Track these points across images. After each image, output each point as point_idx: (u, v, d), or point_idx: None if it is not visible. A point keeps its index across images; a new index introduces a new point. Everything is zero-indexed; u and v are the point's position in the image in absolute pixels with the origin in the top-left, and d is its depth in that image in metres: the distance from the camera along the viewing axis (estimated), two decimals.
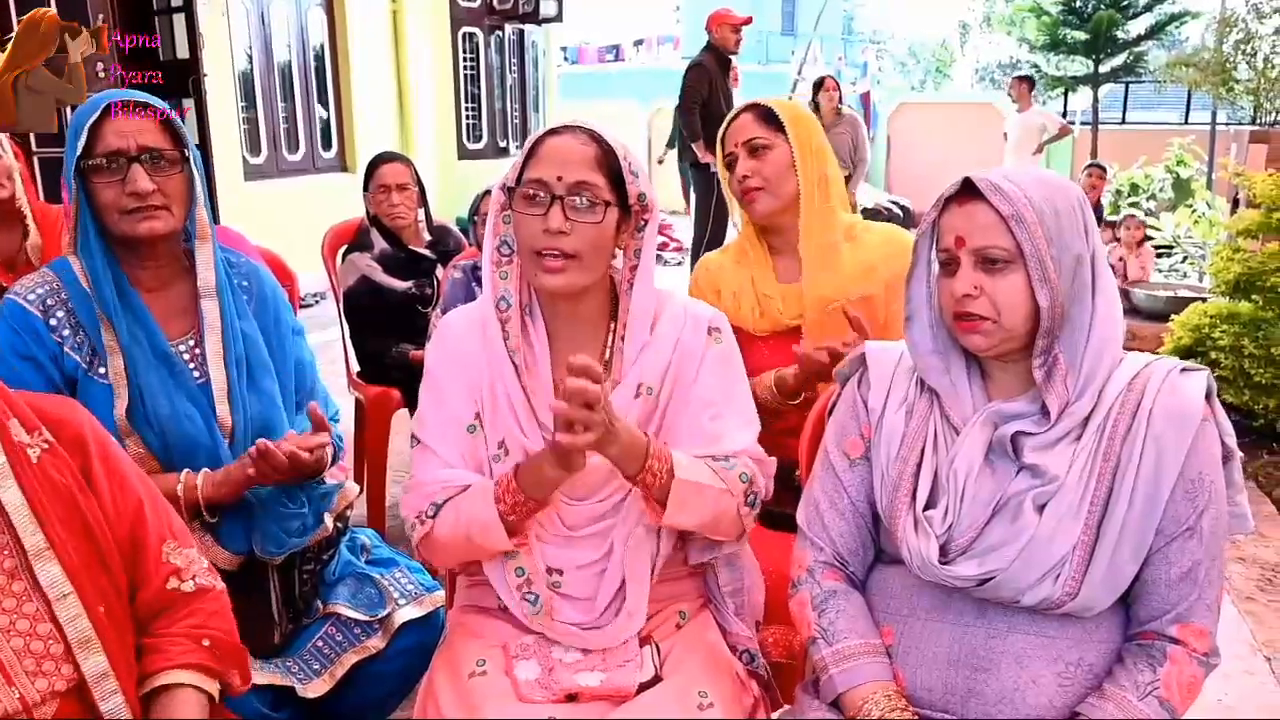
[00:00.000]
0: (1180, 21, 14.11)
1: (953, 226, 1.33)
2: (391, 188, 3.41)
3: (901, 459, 1.40)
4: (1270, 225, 4.53)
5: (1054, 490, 1.30)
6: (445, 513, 1.50)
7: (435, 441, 1.55)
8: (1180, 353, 4.74)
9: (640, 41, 28.47)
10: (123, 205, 1.58)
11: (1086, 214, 1.33)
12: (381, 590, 1.82)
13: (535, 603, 1.51)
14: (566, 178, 1.45)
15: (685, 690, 1.44)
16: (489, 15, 10.34)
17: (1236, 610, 3.08)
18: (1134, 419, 1.30)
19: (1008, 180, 1.29)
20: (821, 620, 1.42)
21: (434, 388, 1.58)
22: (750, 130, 2.10)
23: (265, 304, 1.81)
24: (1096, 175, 8.18)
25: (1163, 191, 10.05)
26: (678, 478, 1.44)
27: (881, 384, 1.46)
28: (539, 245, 1.46)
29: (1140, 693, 1.27)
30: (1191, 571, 1.30)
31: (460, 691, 1.46)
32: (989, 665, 1.33)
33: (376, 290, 3.35)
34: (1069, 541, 1.28)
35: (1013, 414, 1.35)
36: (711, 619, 1.64)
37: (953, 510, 1.35)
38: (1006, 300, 1.30)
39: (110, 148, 1.56)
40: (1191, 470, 1.29)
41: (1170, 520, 1.29)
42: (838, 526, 1.47)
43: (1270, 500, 3.96)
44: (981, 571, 1.30)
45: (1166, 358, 1.37)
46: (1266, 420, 4.57)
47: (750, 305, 2.12)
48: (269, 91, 7.97)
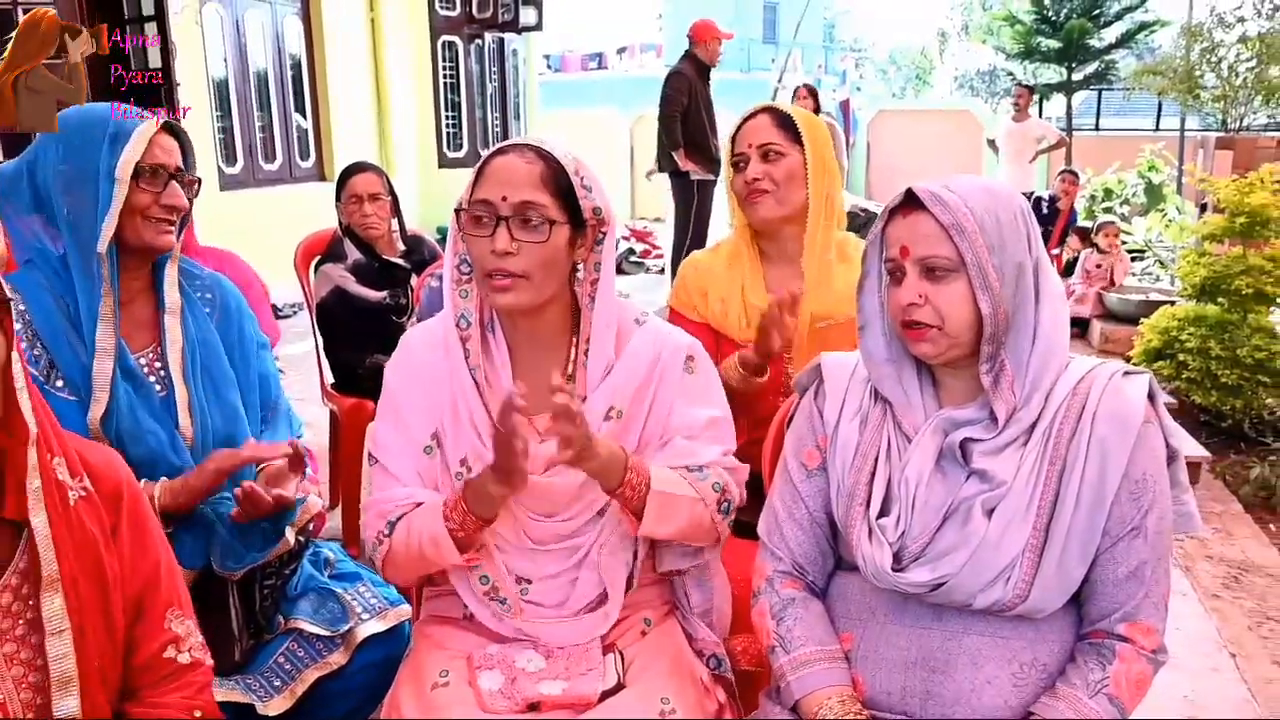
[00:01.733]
0: (1150, 30, 14.30)
1: (898, 237, 1.36)
2: (364, 197, 3.39)
3: (856, 469, 1.42)
4: (1234, 229, 4.62)
5: (1002, 494, 1.32)
6: (399, 530, 1.51)
7: (392, 461, 1.56)
8: (1149, 355, 4.82)
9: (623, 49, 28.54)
10: (154, 214, 1.67)
11: (1029, 223, 1.35)
12: (344, 605, 1.80)
13: (505, 603, 1.53)
14: (511, 198, 1.46)
15: (648, 697, 1.45)
16: (468, 24, 10.36)
17: (1202, 608, 3.12)
18: (1078, 422, 1.32)
19: (949, 190, 1.32)
20: (780, 628, 1.45)
21: (392, 407, 1.59)
22: (767, 134, 2.08)
23: (228, 316, 1.83)
24: (1069, 181, 8.26)
25: (1135, 196, 10.18)
26: (654, 490, 1.46)
27: (836, 395, 1.48)
28: (488, 266, 1.48)
29: (1090, 691, 1.30)
30: (1138, 571, 1.32)
31: (423, 702, 1.47)
32: (945, 667, 1.35)
33: (350, 301, 3.33)
34: (1018, 544, 1.31)
35: (962, 420, 1.37)
36: (677, 625, 1.65)
37: (904, 518, 1.37)
38: (950, 308, 1.32)
39: (157, 160, 1.67)
40: (1136, 471, 1.31)
41: (1116, 521, 1.31)
42: (796, 537, 1.49)
43: (1237, 499, 4.03)
44: (934, 577, 1.33)
45: (1111, 362, 1.39)
46: (1234, 421, 4.64)
47: (737, 314, 2.11)
48: (245, 101, 7.93)
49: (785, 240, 2.13)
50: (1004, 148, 9.13)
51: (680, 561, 1.62)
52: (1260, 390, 4.50)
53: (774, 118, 2.10)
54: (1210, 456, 4.09)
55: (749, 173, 2.08)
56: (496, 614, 1.54)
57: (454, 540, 1.47)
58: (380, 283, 3.38)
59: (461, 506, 1.46)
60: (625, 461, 1.44)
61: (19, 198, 1.66)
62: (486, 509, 1.46)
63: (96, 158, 1.60)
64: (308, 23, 8.67)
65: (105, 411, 1.62)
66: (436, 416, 1.56)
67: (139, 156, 1.63)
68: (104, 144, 1.61)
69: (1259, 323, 4.57)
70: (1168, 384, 4.78)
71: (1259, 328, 4.54)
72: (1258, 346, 4.43)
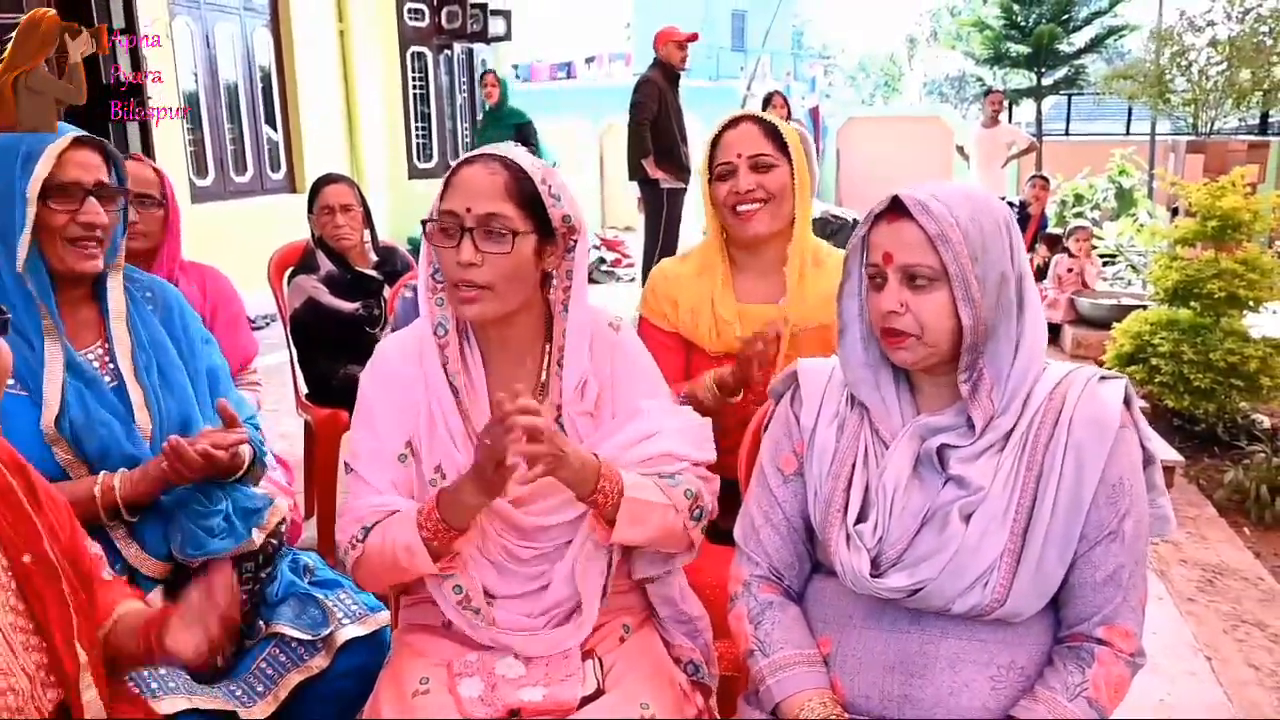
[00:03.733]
0: (1120, 35, 14.47)
1: (881, 243, 1.34)
2: (335, 209, 3.38)
3: (833, 475, 1.42)
4: (1206, 233, 4.66)
5: (979, 500, 1.32)
6: (373, 537, 1.50)
7: (367, 470, 1.56)
8: (1122, 359, 4.85)
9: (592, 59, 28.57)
10: (71, 234, 1.65)
11: (1013, 233, 1.35)
12: (325, 610, 1.80)
13: (478, 613, 1.53)
14: (475, 209, 1.46)
15: (627, 702, 1.45)
16: (437, 35, 10.36)
17: (1178, 611, 3.13)
18: (1055, 428, 1.32)
19: (935, 199, 1.30)
20: (758, 632, 1.45)
21: (367, 415, 1.59)
22: (758, 145, 2.04)
23: (170, 311, 1.86)
24: (1040, 186, 8.31)
25: (1106, 201, 10.27)
26: (626, 496, 1.45)
27: (813, 400, 1.48)
28: (454, 277, 1.48)
29: (1070, 694, 1.30)
30: (1115, 574, 1.33)
31: (404, 709, 1.47)
32: (923, 671, 1.35)
33: (323, 312, 3.32)
34: (995, 549, 1.31)
35: (939, 427, 1.37)
36: (655, 632, 1.66)
37: (882, 524, 1.36)
38: (931, 318, 1.31)
39: (69, 177, 1.63)
40: (1112, 476, 1.31)
41: (1093, 525, 1.32)
42: (773, 542, 1.49)
43: (1211, 503, 4.05)
44: (912, 582, 1.32)
45: (1087, 366, 1.39)
46: (1207, 425, 4.68)
47: (707, 326, 2.09)
48: (215, 113, 7.89)
49: (764, 250, 2.10)
50: (974, 153, 9.18)
51: (653, 569, 1.62)
52: (1233, 394, 4.52)
53: (761, 128, 2.06)
54: (1184, 460, 4.12)
55: (741, 183, 2.02)
56: (471, 624, 1.53)
57: (428, 549, 1.46)
58: (353, 294, 3.38)
59: (435, 515, 1.46)
60: (598, 469, 1.44)
61: None
62: (460, 519, 1.46)
63: (13, 178, 1.59)
64: (277, 35, 8.64)
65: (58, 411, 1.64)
66: (411, 425, 1.56)
67: (46, 174, 1.60)
68: (17, 164, 1.60)
69: (1231, 326, 4.60)
70: (1140, 388, 4.80)
71: (1231, 331, 4.57)
72: (1230, 350, 4.46)
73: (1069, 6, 14.15)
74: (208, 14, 7.77)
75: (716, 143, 2.09)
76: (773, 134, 2.05)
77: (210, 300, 2.69)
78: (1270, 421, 4.84)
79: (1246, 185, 4.64)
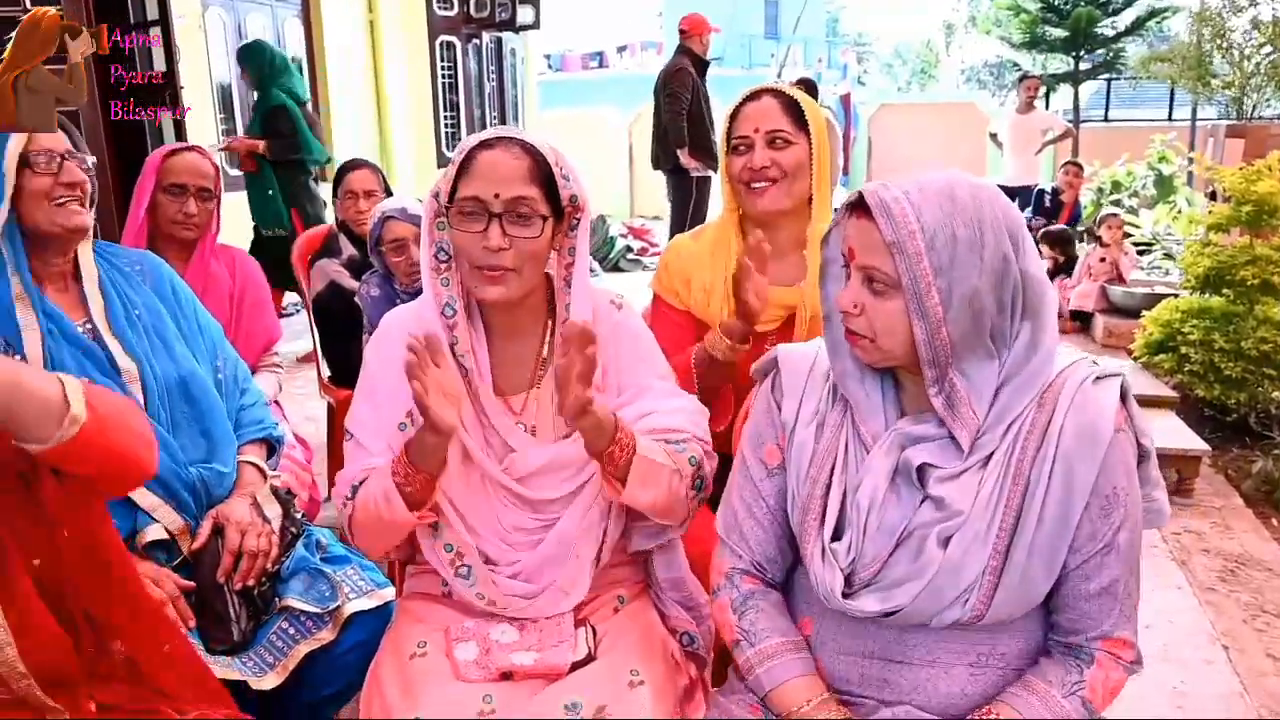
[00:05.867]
0: (1162, 16, 14.14)
1: (847, 237, 1.29)
2: (359, 194, 3.46)
3: (811, 479, 1.37)
4: (1240, 219, 4.55)
5: (959, 524, 1.26)
6: (360, 493, 1.54)
7: (366, 437, 1.60)
8: (1152, 348, 4.77)
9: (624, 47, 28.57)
10: (57, 195, 1.73)
11: (1000, 241, 1.23)
12: (334, 584, 1.86)
13: (469, 575, 1.56)
14: (503, 194, 1.48)
15: (617, 669, 1.48)
16: (466, 24, 10.41)
17: (1197, 601, 3.10)
18: (1043, 439, 1.25)
19: (906, 199, 1.22)
20: (742, 622, 1.43)
21: (369, 386, 1.63)
22: (775, 120, 2.01)
23: (161, 279, 1.97)
24: (1074, 172, 8.20)
25: (1145, 189, 10.07)
26: (639, 454, 1.48)
27: (795, 393, 1.43)
28: (479, 261, 1.51)
29: (1065, 690, 1.28)
30: (1111, 587, 1.28)
31: (401, 671, 1.51)
32: (901, 657, 1.34)
33: (345, 295, 3.37)
34: (976, 569, 1.26)
35: (919, 436, 1.31)
36: (650, 603, 1.68)
37: (856, 543, 1.32)
38: (884, 324, 1.26)
39: (42, 145, 1.72)
40: (1105, 486, 1.25)
41: (1085, 537, 1.26)
42: (756, 535, 1.46)
43: (1239, 493, 3.99)
44: (884, 607, 1.29)
45: (1081, 363, 1.31)
46: (1239, 415, 4.59)
47: (719, 305, 2.08)
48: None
49: (777, 230, 2.07)
50: (1008, 140, 9.05)
51: (648, 541, 1.65)
52: (1265, 383, 4.42)
53: (780, 102, 2.03)
54: (1210, 450, 4.05)
55: (756, 159, 2.00)
56: (463, 589, 1.57)
57: (402, 495, 1.48)
58: None
59: (404, 459, 1.49)
60: (616, 423, 1.46)
61: None
62: (424, 460, 1.48)
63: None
64: (308, 25, 8.73)
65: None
66: (409, 400, 1.57)
67: (22, 147, 1.69)
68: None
69: (1265, 314, 4.46)
70: (1169, 377, 4.73)
71: (1265, 319, 4.44)
72: (1263, 339, 4.34)
73: None
74: (240, 5, 7.88)
75: (736, 115, 2.06)
76: (792, 109, 2.02)
77: (238, 283, 2.75)
78: None
79: None
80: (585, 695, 1.42)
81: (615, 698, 1.43)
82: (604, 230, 9.69)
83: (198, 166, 2.61)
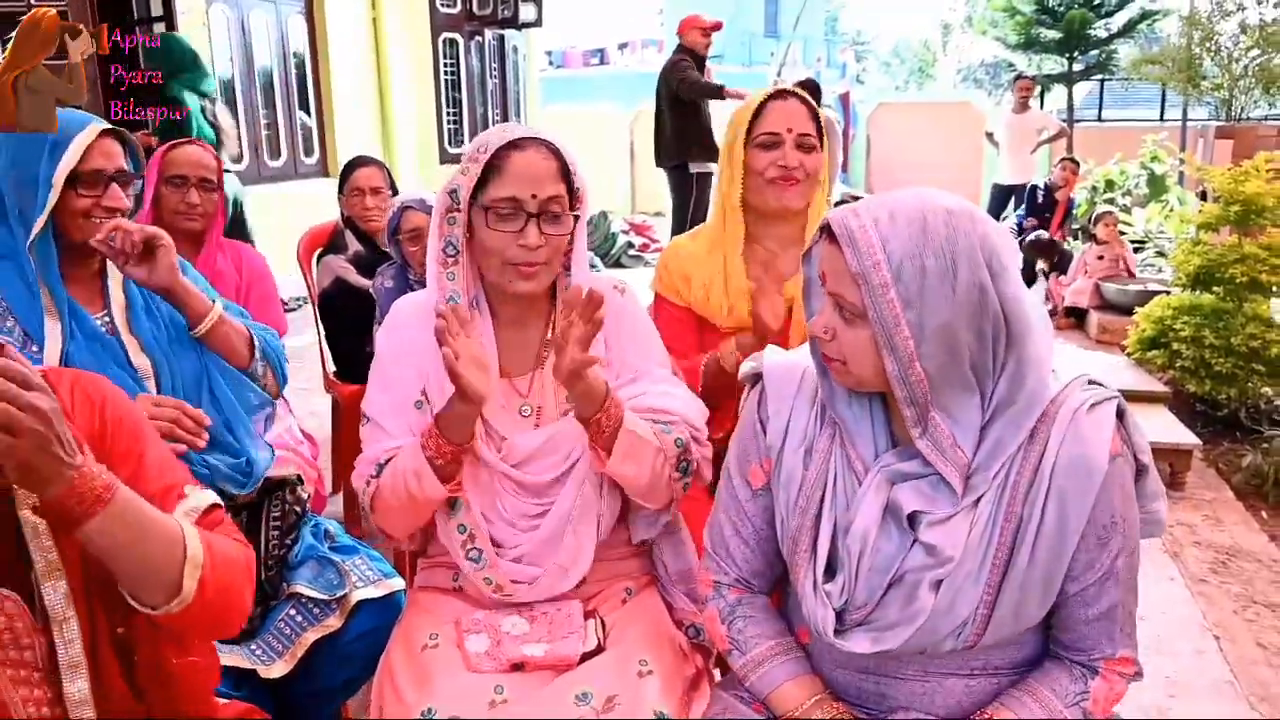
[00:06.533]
0: (1153, 19, 14.26)
1: (820, 260, 1.27)
2: (365, 191, 3.49)
3: (800, 509, 1.34)
4: (1229, 218, 4.64)
5: (950, 570, 1.24)
6: (386, 472, 1.59)
7: (384, 418, 1.64)
8: (1144, 344, 4.85)
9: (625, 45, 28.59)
10: (95, 215, 1.76)
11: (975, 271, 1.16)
12: (341, 573, 1.89)
13: (479, 559, 1.60)
14: (539, 194, 1.54)
15: (626, 659, 1.51)
16: (469, 21, 10.43)
17: (1189, 592, 3.17)
18: (1036, 474, 1.22)
19: (874, 228, 1.17)
20: (732, 631, 1.46)
21: (382, 370, 1.67)
22: (805, 124, 2.08)
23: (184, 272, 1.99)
24: (1070, 169, 8.27)
25: (1138, 187, 10.17)
26: (625, 427, 1.53)
27: (781, 413, 1.38)
28: (515, 259, 1.56)
29: (1069, 700, 1.28)
30: (1110, 612, 1.27)
31: (413, 662, 1.55)
32: (895, 673, 1.35)
33: (351, 290, 3.42)
34: (969, 607, 1.24)
35: (910, 474, 1.27)
36: (657, 595, 1.73)
37: (849, 584, 1.30)
38: (854, 352, 1.23)
39: (95, 166, 1.75)
40: (1102, 517, 1.22)
41: (1083, 566, 1.24)
42: (742, 553, 1.47)
43: (1229, 486, 4.06)
44: (876, 648, 1.28)
45: (1074, 387, 1.26)
46: (1229, 410, 4.67)
47: (719, 301, 2.14)
48: (250, 99, 8.02)
49: (781, 227, 2.15)
50: (1004, 140, 9.15)
51: (650, 530, 1.70)
52: (1255, 379, 4.51)
53: (807, 108, 2.10)
54: (1201, 444, 4.13)
55: (788, 159, 2.06)
56: (471, 571, 1.60)
57: (433, 469, 1.53)
58: None
59: (434, 433, 1.53)
60: (606, 391, 1.52)
61: None
62: (456, 431, 1.52)
63: (37, 164, 1.70)
64: (311, 22, 8.76)
65: None
66: (424, 382, 1.64)
67: (75, 163, 1.72)
68: (44, 151, 1.71)
69: (1254, 311, 4.58)
70: (1162, 373, 4.82)
71: (1254, 316, 4.55)
72: (1252, 335, 4.45)
73: None
74: (243, 2, 7.90)
75: (761, 111, 2.10)
76: (816, 117, 2.11)
77: (245, 277, 2.79)
78: None
79: (1270, 169, 4.60)
80: (595, 685, 1.45)
81: (625, 688, 1.45)
82: (605, 226, 9.73)
83: (199, 158, 2.66)
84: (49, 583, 1.19)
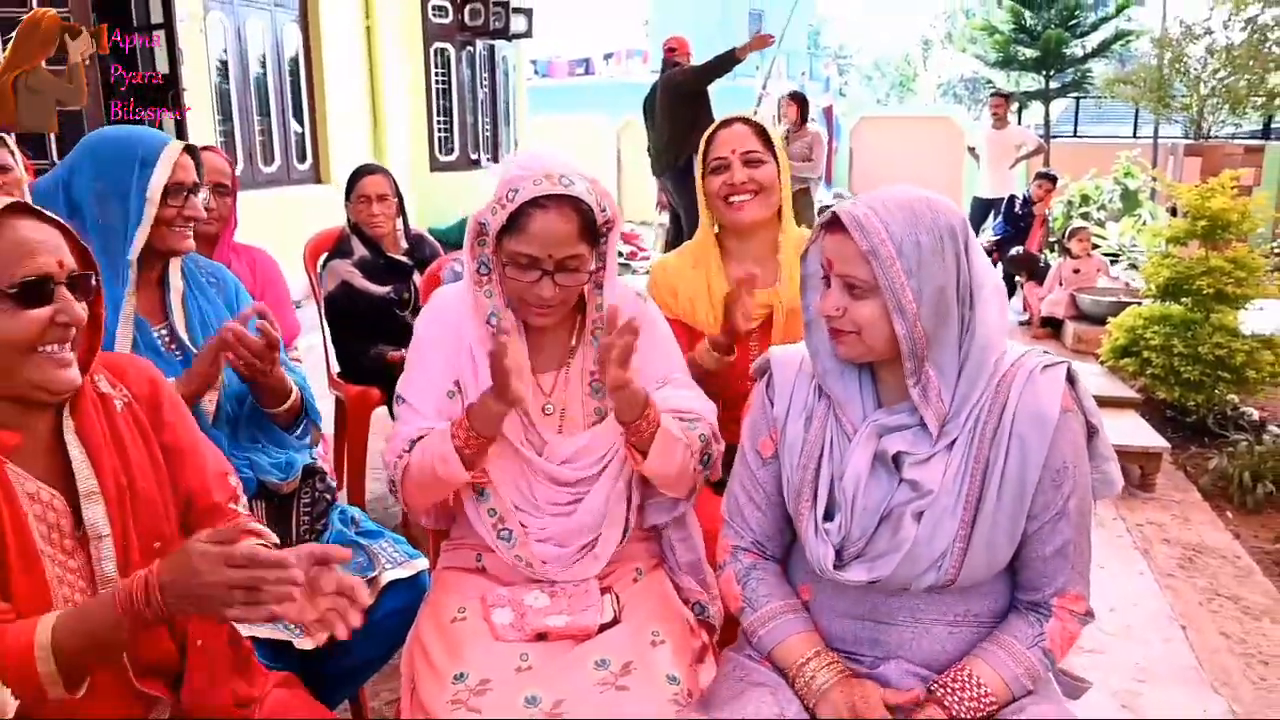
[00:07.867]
0: (1126, 40, 14.56)
1: (825, 251, 1.48)
2: (372, 198, 3.59)
3: (802, 466, 1.55)
4: (1196, 232, 4.83)
5: (929, 502, 1.45)
6: (416, 451, 1.71)
7: (418, 399, 1.76)
8: (1116, 352, 5.03)
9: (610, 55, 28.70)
10: (177, 224, 1.93)
11: (958, 243, 1.42)
12: (370, 556, 2.02)
13: (510, 539, 1.74)
14: (556, 254, 1.65)
15: (640, 630, 1.66)
16: (461, 31, 10.54)
17: (1158, 586, 3.33)
18: (999, 421, 1.44)
19: (874, 214, 1.40)
20: (746, 591, 1.62)
21: (420, 353, 1.79)
22: (749, 142, 2.26)
23: (228, 291, 2.13)
24: (1046, 186, 8.47)
25: (1112, 202, 10.41)
26: (661, 427, 1.67)
27: (784, 391, 1.61)
28: (531, 302, 1.70)
29: (1028, 643, 1.48)
30: (1063, 549, 1.48)
31: (444, 634, 1.67)
32: (887, 619, 1.53)
33: (356, 295, 3.52)
34: (947, 538, 1.44)
35: (894, 426, 1.49)
36: (665, 576, 1.87)
37: (845, 523, 1.50)
38: (866, 323, 1.43)
39: (179, 179, 1.91)
40: (1055, 461, 1.44)
41: (1040, 506, 1.45)
42: (755, 518, 1.65)
43: (1197, 488, 4.24)
44: (870, 576, 1.48)
45: (1032, 353, 1.50)
46: (1198, 416, 4.86)
47: (705, 311, 2.30)
48: (245, 105, 8.09)
49: (752, 240, 2.32)
50: (984, 154, 9.36)
51: (662, 515, 1.84)
52: (1221, 386, 4.71)
53: (753, 128, 2.29)
54: (1170, 448, 4.30)
55: (737, 176, 2.24)
56: (502, 550, 1.73)
57: (460, 457, 1.65)
58: (385, 278, 3.58)
59: (465, 424, 1.65)
60: (647, 398, 1.65)
61: (55, 208, 1.86)
62: (486, 426, 1.65)
63: (128, 178, 1.85)
64: (306, 31, 8.85)
65: None
66: (459, 368, 1.76)
67: (167, 178, 1.87)
68: (135, 166, 1.86)
69: (1220, 321, 4.77)
70: (1133, 380, 5.01)
71: (1220, 326, 4.75)
72: (1218, 344, 4.64)
73: (1076, 12, 14.27)
74: (240, 9, 7.98)
75: (711, 140, 2.31)
76: (761, 134, 2.29)
77: (259, 281, 2.90)
78: (1259, 414, 5.02)
79: (1234, 187, 4.80)
80: (613, 653, 1.59)
81: (640, 655, 1.60)
82: None
83: (213, 163, 2.77)
84: (89, 504, 1.34)
